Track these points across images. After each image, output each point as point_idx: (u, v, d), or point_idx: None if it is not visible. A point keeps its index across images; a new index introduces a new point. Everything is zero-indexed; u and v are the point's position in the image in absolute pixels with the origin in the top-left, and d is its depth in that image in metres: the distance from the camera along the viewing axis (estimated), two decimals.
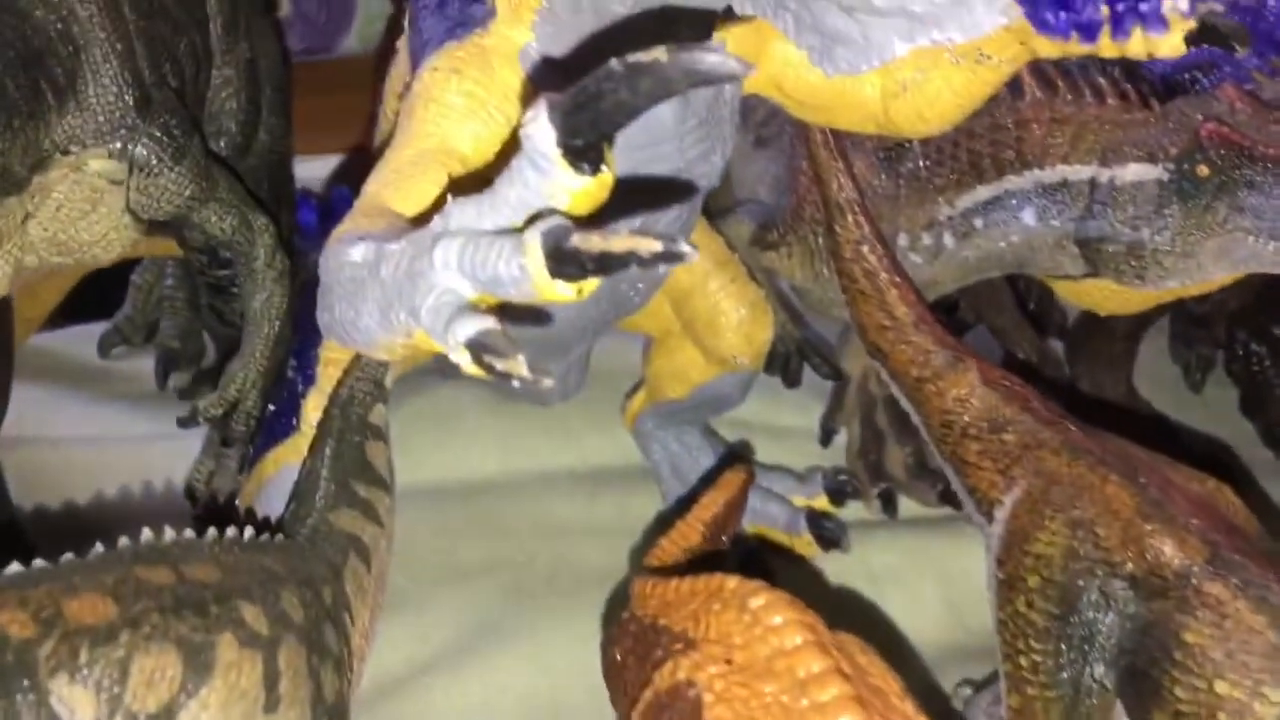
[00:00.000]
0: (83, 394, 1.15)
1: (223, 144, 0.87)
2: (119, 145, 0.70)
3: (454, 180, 0.60)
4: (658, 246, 0.41)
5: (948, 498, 0.95)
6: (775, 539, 0.99)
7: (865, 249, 0.77)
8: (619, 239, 0.41)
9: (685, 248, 0.41)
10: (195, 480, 0.90)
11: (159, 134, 0.71)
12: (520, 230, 0.46)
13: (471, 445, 1.07)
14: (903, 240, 0.87)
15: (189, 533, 0.59)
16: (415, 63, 0.67)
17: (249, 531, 0.62)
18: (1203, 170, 0.74)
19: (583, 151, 0.45)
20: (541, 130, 0.45)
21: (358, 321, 0.53)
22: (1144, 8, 0.42)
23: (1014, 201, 0.82)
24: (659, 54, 0.42)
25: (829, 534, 0.96)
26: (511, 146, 0.57)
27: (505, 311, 0.45)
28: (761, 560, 0.98)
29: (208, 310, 0.90)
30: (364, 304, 0.52)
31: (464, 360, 0.44)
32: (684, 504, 0.84)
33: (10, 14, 0.64)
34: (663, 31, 0.61)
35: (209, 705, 0.53)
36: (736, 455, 0.92)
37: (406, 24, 0.72)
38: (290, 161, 0.98)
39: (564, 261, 0.43)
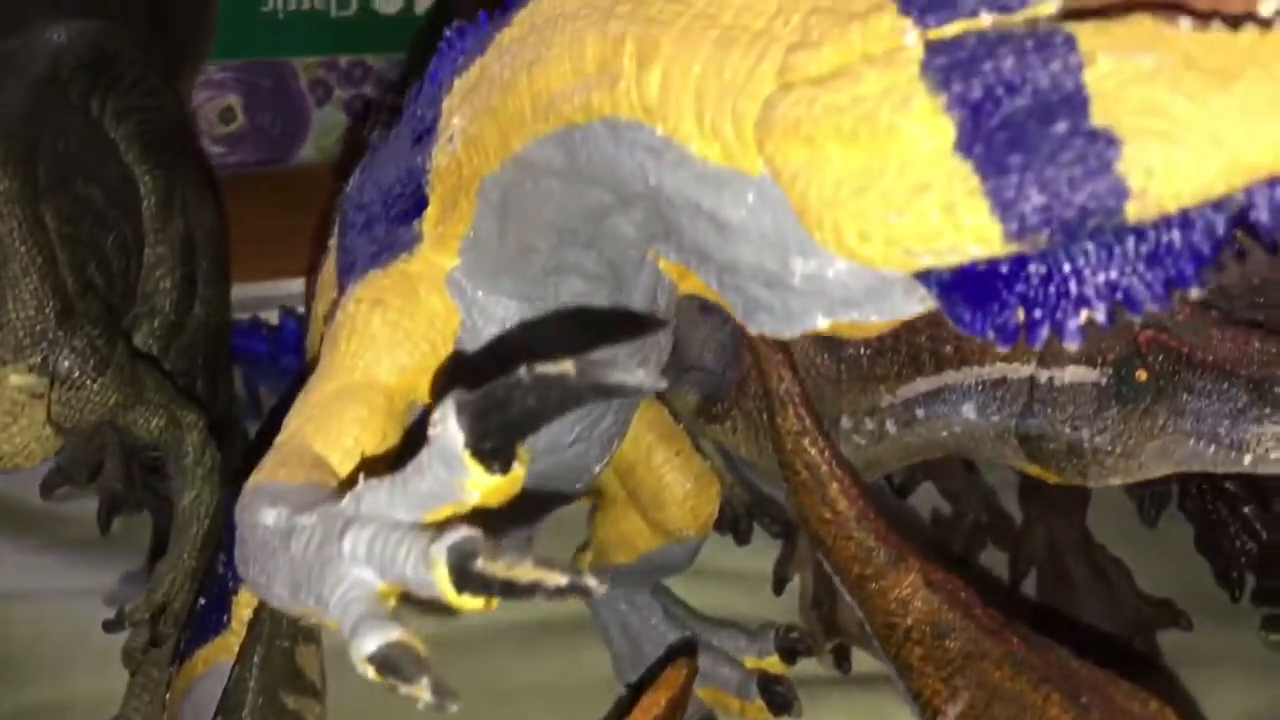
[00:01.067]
0: (25, 542, 1.14)
1: (156, 323, 0.86)
2: (39, 360, 0.69)
3: (377, 411, 0.59)
4: (563, 581, 0.40)
5: None
6: (728, 704, 0.97)
7: (806, 441, 0.76)
8: (524, 570, 0.40)
9: (591, 583, 0.40)
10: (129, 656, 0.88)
11: (81, 346, 0.70)
12: (429, 526, 0.45)
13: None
14: (845, 423, 0.87)
15: None
16: (341, 280, 0.67)
17: None
18: (1141, 375, 0.73)
19: (492, 454, 0.44)
20: (450, 432, 0.43)
21: (270, 587, 0.51)
22: (1059, 318, 0.41)
23: (954, 395, 0.82)
24: (567, 367, 0.41)
25: (779, 700, 0.95)
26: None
27: None
28: None
29: (142, 485, 0.88)
30: (275, 574, 0.50)
31: (367, 672, 0.43)
32: (632, 692, 0.82)
33: None
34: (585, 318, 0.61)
35: None
36: (681, 649, 0.91)
37: (335, 233, 0.71)
38: (228, 332, 0.96)
39: (468, 581, 0.41)
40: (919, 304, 0.44)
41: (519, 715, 0.97)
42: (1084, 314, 0.41)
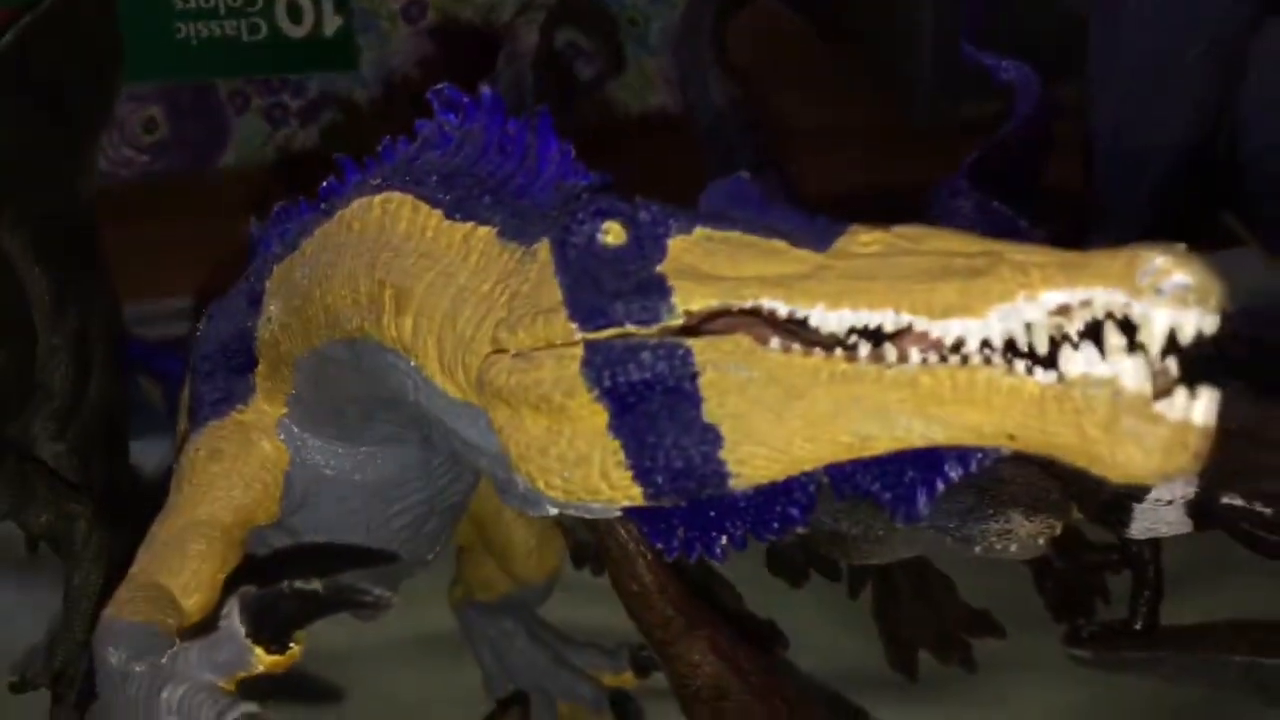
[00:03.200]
0: None
1: (53, 408, 0.96)
2: None
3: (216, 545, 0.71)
4: None
5: None
6: (584, 718, 1.10)
7: (616, 525, 0.88)
8: None
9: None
10: None
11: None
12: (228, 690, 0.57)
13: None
14: None
15: None
16: (192, 417, 0.77)
17: None
18: None
19: (269, 639, 0.55)
20: (234, 624, 0.55)
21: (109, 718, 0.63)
22: (707, 544, 0.53)
23: None
24: (317, 585, 0.53)
25: (628, 712, 1.07)
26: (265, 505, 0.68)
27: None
28: None
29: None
30: (113, 710, 0.62)
31: None
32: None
33: None
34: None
35: None
36: (512, 699, 1.03)
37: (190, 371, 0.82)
38: (123, 409, 1.06)
39: None
40: (617, 511, 0.56)
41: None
42: (723, 540, 0.53)
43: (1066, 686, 1.14)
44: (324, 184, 0.70)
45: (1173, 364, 0.42)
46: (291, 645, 0.57)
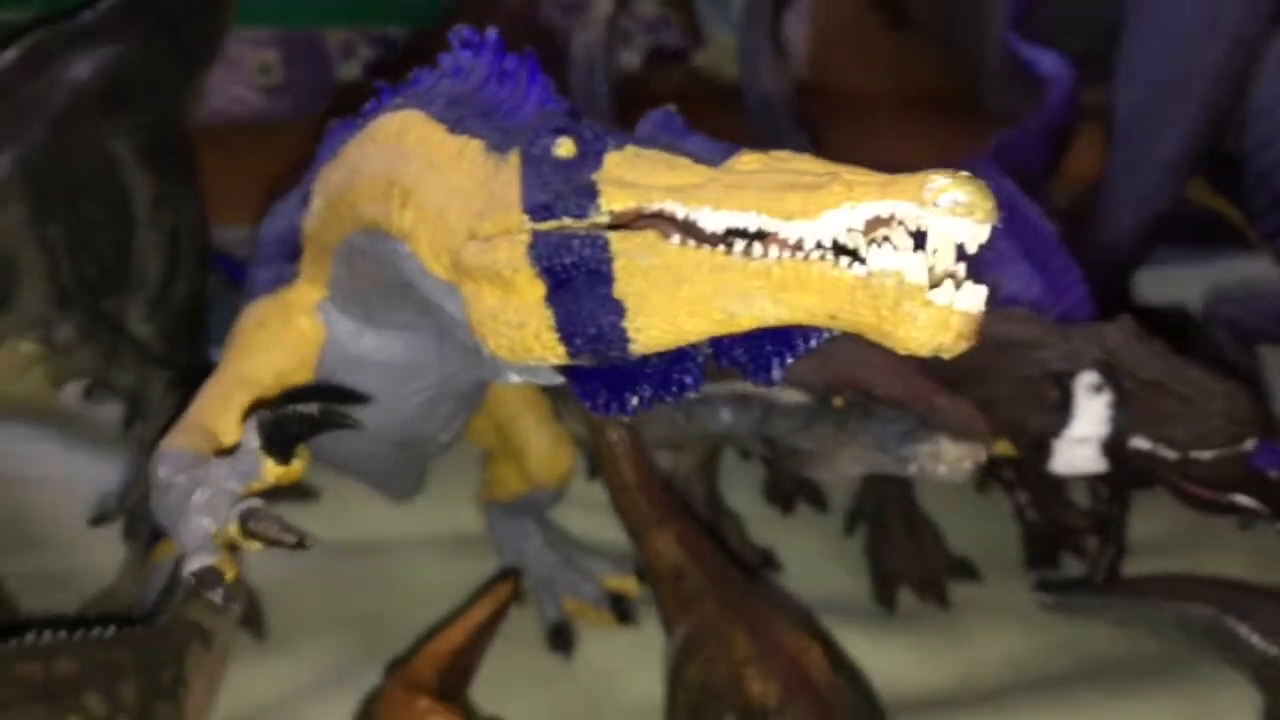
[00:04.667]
0: (49, 433, 1.39)
1: (145, 295, 1.12)
2: (43, 333, 0.96)
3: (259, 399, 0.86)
4: (290, 539, 0.66)
5: None
6: (587, 613, 1.23)
7: (608, 427, 1.01)
8: (271, 529, 0.67)
9: (305, 540, 0.66)
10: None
11: (73, 325, 0.97)
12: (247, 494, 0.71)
13: (363, 509, 1.32)
14: None
15: (63, 633, 0.85)
16: (248, 294, 0.93)
17: (111, 630, 0.88)
18: (837, 402, 0.97)
19: (279, 451, 0.70)
20: (249, 439, 0.70)
21: (162, 522, 0.78)
22: (617, 405, 0.66)
23: (715, 402, 1.06)
24: (314, 408, 0.67)
25: (624, 612, 1.20)
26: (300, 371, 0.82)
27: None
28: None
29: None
30: (161, 515, 0.77)
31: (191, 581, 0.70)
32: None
33: None
34: None
35: None
36: (509, 571, 1.16)
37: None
38: (204, 307, 1.22)
39: (248, 531, 0.68)
40: (554, 374, 0.69)
41: (426, 608, 1.23)
42: (634, 401, 0.66)
43: (1030, 632, 1.24)
44: (366, 104, 0.84)
45: (958, 266, 0.54)
46: (295, 460, 0.71)
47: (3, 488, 1.31)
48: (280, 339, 0.87)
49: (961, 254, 0.55)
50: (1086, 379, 0.99)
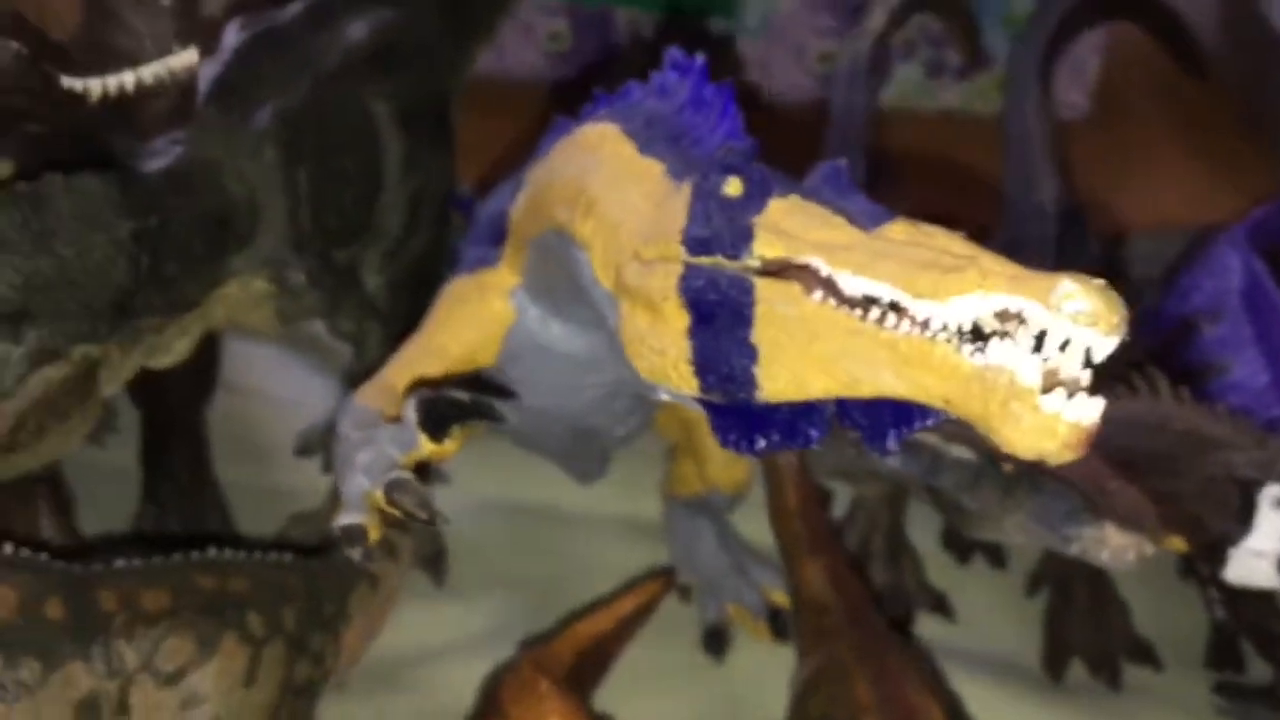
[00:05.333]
0: (292, 354, 1.50)
1: (382, 247, 1.19)
2: (276, 273, 1.04)
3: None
4: (424, 514, 0.71)
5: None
6: (745, 620, 1.25)
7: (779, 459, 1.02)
8: (413, 502, 0.72)
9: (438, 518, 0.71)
10: None
11: (305, 270, 1.05)
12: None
13: (551, 479, 1.37)
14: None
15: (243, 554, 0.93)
16: (454, 269, 0.98)
17: (288, 557, 0.96)
18: (1006, 466, 0.95)
19: (433, 430, 0.75)
20: (409, 413, 0.75)
21: (335, 470, 0.85)
22: (748, 444, 0.67)
23: None
24: (464, 396, 0.72)
25: (779, 628, 1.21)
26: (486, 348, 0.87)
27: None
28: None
29: None
30: (334, 463, 0.83)
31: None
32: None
33: (213, 190, 0.98)
34: None
35: (207, 674, 0.87)
36: (664, 570, 1.18)
37: None
38: (437, 266, 1.29)
39: (392, 499, 0.73)
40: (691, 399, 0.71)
41: (595, 586, 1.27)
42: (761, 444, 0.67)
43: None
44: (584, 108, 0.87)
45: (1082, 373, 0.53)
46: (448, 440, 0.76)
47: (239, 398, 1.41)
48: (473, 317, 0.92)
49: (1090, 361, 0.54)
50: (1273, 491, 0.94)
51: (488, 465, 1.36)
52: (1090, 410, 0.53)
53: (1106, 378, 0.56)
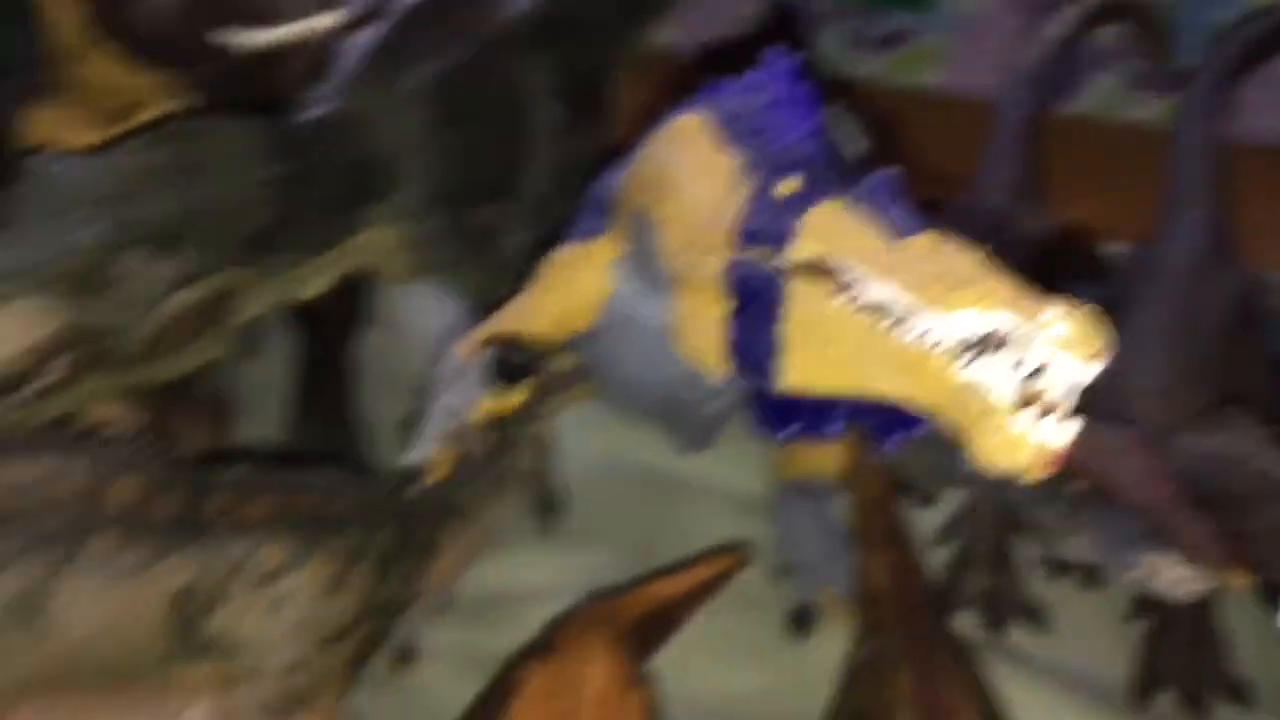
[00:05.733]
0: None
1: (520, 208, 1.25)
2: (411, 227, 1.12)
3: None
4: None
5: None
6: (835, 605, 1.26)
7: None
8: None
9: None
10: None
11: (438, 226, 1.12)
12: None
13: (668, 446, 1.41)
14: None
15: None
16: (565, 235, 1.04)
17: (390, 484, 1.03)
18: (1077, 485, 0.95)
19: (503, 381, 0.81)
20: (484, 365, 0.81)
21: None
22: (778, 431, 0.71)
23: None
24: (526, 356, 0.77)
25: None
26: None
27: None
28: None
29: None
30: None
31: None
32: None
33: (359, 143, 1.06)
34: None
35: (296, 583, 0.95)
36: (741, 545, 1.21)
37: None
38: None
39: None
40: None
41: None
42: (787, 431, 0.71)
43: None
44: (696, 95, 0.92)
45: (1060, 396, 0.55)
46: (517, 390, 0.82)
47: (392, 334, 1.51)
48: (574, 284, 0.98)
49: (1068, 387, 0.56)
50: None
51: (610, 426, 1.41)
52: (1058, 435, 0.55)
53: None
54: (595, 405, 1.40)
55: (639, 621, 1.01)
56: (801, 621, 1.23)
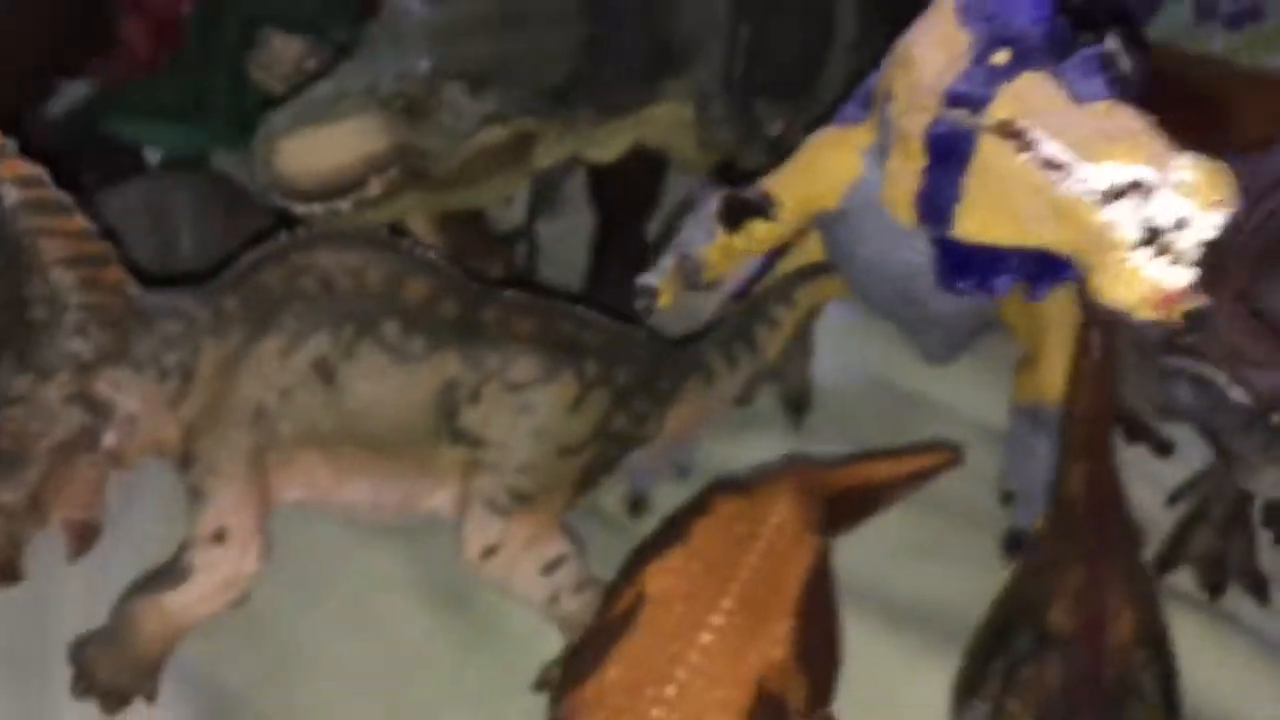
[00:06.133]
0: None
1: (804, 112, 1.33)
2: (701, 105, 1.22)
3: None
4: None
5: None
6: None
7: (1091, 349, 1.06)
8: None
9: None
10: None
11: (726, 106, 1.22)
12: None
13: (926, 370, 1.46)
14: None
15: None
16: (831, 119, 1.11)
17: (643, 333, 1.15)
18: (1276, 418, 0.94)
19: (728, 222, 0.90)
20: (711, 205, 0.91)
21: None
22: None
23: (1180, 376, 1.05)
24: (752, 197, 0.87)
25: None
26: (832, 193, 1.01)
27: None
28: None
29: None
30: None
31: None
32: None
33: (663, 18, 1.17)
34: None
35: (542, 393, 1.08)
36: (954, 447, 1.24)
37: None
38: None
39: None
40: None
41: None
42: (960, 284, 0.77)
43: None
44: None
45: (1183, 241, 0.60)
46: (739, 235, 0.91)
47: None
48: (828, 163, 1.05)
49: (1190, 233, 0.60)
50: None
51: (870, 338, 1.49)
52: (1173, 276, 0.60)
53: None
54: (857, 318, 1.49)
55: (839, 491, 1.08)
56: (1013, 545, 1.26)
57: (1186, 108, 0.75)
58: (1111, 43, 0.74)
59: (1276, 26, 1.99)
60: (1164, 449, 1.30)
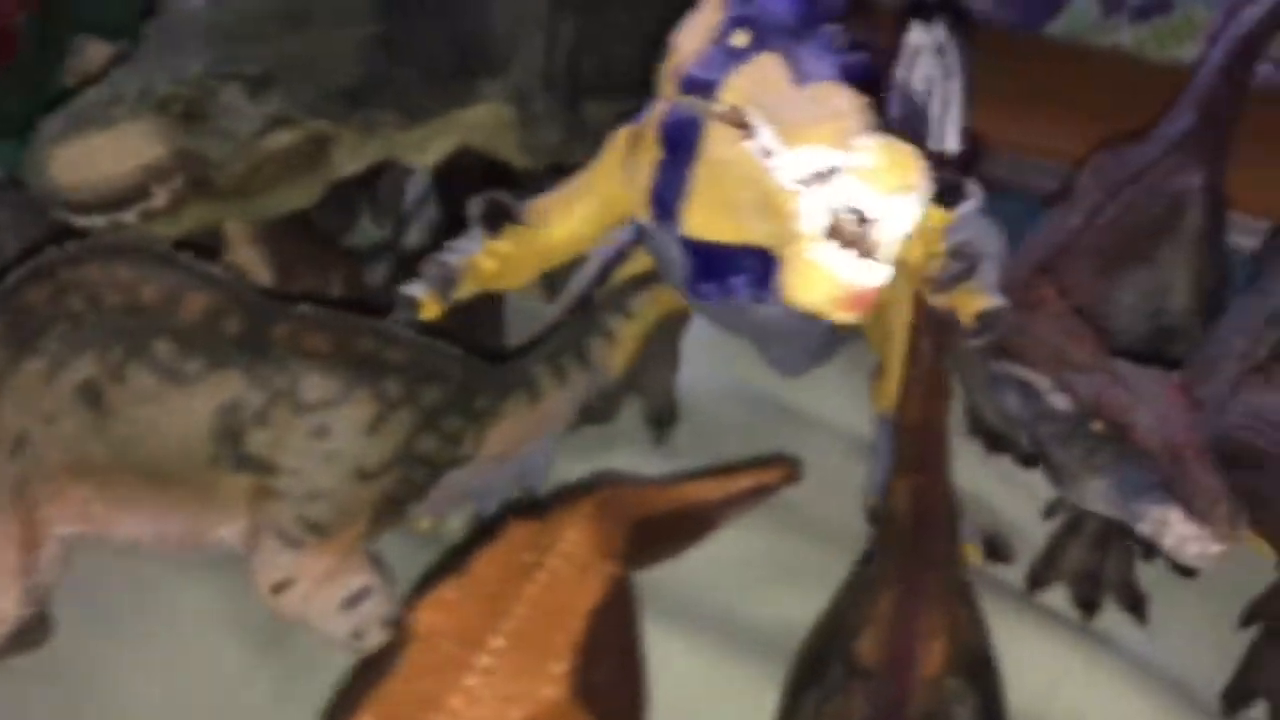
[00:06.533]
0: None
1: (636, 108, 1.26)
2: (522, 106, 1.15)
3: None
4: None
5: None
6: None
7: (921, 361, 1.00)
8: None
9: None
10: None
11: (547, 106, 1.15)
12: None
13: (793, 383, 1.39)
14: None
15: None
16: None
17: (457, 351, 1.07)
18: (1096, 425, 0.87)
19: (488, 226, 0.83)
20: (474, 212, 0.84)
21: None
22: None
23: (1007, 382, 0.98)
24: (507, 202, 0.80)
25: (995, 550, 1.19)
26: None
27: None
28: None
29: None
30: None
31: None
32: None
33: (475, 17, 1.10)
34: None
35: (337, 415, 1.01)
36: (791, 458, 1.17)
37: None
38: None
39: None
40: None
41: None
42: (703, 287, 0.70)
43: None
44: None
45: (880, 239, 0.53)
46: (494, 242, 0.84)
47: None
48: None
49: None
50: None
51: (738, 353, 1.41)
52: (862, 272, 0.53)
53: None
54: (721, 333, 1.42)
55: (659, 514, 1.01)
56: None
57: None
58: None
59: (1184, 18, 1.94)
60: (1029, 460, 1.23)
